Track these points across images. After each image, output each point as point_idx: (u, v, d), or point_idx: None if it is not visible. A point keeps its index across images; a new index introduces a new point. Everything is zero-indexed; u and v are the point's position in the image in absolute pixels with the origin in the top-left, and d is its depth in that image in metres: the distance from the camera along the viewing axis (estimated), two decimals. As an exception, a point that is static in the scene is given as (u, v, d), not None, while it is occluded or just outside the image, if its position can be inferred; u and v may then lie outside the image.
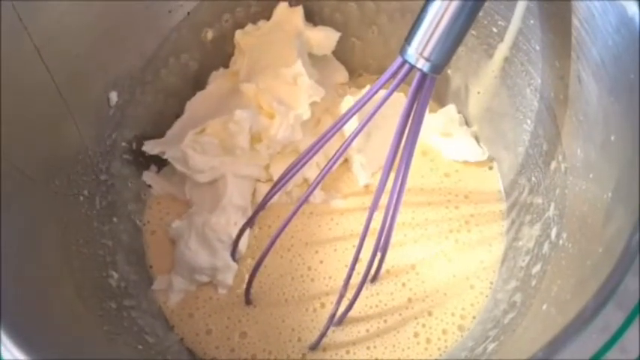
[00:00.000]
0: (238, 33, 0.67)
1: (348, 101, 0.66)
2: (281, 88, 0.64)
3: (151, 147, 0.64)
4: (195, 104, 0.66)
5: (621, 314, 0.52)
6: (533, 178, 0.60)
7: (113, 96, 0.57)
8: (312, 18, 0.69)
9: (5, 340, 0.37)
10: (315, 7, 0.68)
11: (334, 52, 0.70)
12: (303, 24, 0.67)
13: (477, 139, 0.69)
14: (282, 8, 0.67)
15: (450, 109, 0.70)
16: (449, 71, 0.67)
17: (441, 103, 0.71)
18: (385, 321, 0.61)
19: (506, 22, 0.56)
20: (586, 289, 0.38)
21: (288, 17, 0.68)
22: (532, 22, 0.53)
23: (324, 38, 0.68)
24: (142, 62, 0.59)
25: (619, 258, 0.37)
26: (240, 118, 0.61)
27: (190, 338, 0.61)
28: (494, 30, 0.57)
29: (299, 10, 0.67)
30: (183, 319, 0.62)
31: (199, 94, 0.67)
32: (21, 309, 0.41)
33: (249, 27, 0.67)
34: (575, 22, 0.48)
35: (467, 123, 0.70)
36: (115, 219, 0.59)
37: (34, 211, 0.48)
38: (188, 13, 0.60)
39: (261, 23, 0.68)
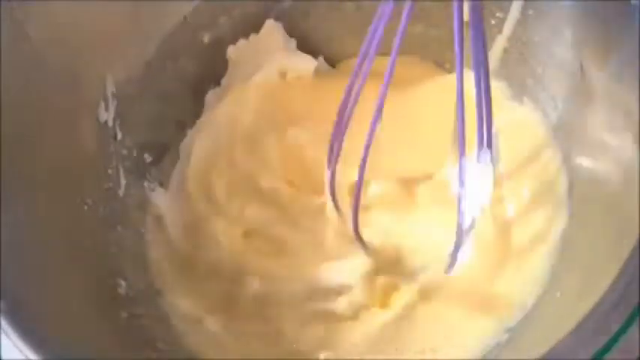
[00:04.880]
0: (231, 49, 0.66)
1: None
2: None
3: None
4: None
5: (622, 314, 0.53)
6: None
7: (112, 100, 0.56)
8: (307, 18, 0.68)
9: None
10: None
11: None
12: (283, 44, 0.67)
13: None
14: (268, 25, 0.67)
15: None
16: (447, 66, 0.66)
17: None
18: None
19: (505, 14, 0.56)
20: (592, 291, 0.38)
21: (273, 35, 0.67)
22: (531, 12, 0.54)
23: (302, 66, 0.67)
24: (140, 66, 0.58)
25: (625, 259, 0.38)
26: None
27: (203, 347, 0.58)
28: (493, 22, 0.58)
29: (280, 29, 0.66)
30: (196, 328, 0.58)
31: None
32: (28, 317, 0.40)
33: (241, 42, 0.66)
34: (574, 10, 0.49)
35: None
36: (119, 227, 0.58)
37: (39, 219, 0.47)
38: (184, 17, 0.60)
39: (252, 37, 0.67)
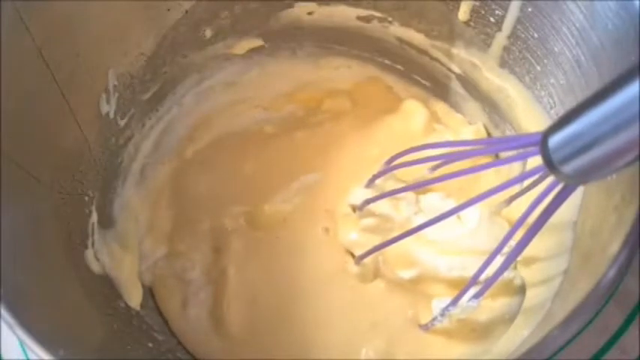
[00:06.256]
0: None
1: None
2: None
3: None
4: None
5: (621, 314, 0.53)
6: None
7: (113, 95, 0.57)
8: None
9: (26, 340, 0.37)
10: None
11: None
12: None
13: None
14: None
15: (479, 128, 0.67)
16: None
17: (445, 101, 0.70)
18: None
19: (504, 11, 0.56)
20: (585, 289, 0.38)
21: None
22: (530, 9, 0.53)
23: None
24: (142, 61, 0.58)
25: (618, 258, 0.37)
26: None
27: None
28: (492, 20, 0.58)
29: None
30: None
31: None
32: (28, 310, 0.40)
33: None
34: (573, 7, 0.49)
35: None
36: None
37: (39, 211, 0.48)
38: (186, 11, 0.60)
39: None
